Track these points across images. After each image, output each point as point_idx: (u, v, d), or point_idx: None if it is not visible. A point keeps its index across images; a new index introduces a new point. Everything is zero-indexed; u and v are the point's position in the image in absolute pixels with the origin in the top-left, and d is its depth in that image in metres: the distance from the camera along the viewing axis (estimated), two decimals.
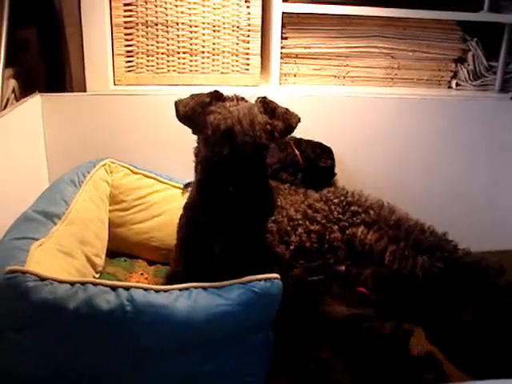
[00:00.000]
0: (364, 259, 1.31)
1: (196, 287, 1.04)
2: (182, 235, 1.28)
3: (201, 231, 1.17)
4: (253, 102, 1.17)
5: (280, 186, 1.46)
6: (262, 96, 1.19)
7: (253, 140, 1.05)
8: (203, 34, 1.75)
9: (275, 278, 1.05)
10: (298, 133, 1.22)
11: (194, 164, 1.23)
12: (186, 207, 1.28)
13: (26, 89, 1.67)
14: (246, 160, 1.04)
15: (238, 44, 1.77)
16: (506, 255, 1.74)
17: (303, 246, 1.28)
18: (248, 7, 1.74)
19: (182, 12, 1.72)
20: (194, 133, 1.20)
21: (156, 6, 1.70)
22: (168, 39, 1.74)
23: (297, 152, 1.61)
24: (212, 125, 1.07)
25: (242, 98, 1.17)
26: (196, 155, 1.22)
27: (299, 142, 1.64)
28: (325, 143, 1.68)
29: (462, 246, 1.41)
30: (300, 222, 1.30)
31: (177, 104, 1.18)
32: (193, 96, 1.17)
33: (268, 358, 1.10)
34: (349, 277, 1.25)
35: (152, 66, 1.76)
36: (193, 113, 1.14)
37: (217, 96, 1.15)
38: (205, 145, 1.10)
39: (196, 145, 1.22)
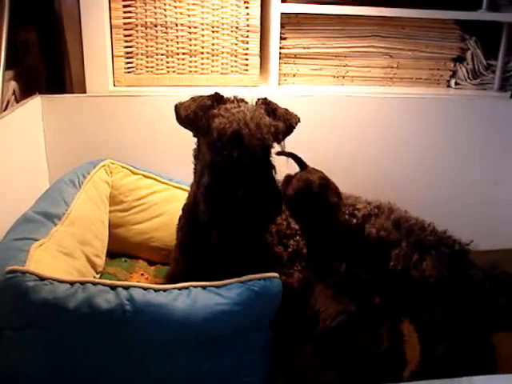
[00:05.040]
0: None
1: (195, 286, 1.04)
2: (182, 235, 1.28)
3: (200, 231, 1.17)
4: (252, 103, 1.17)
5: None
6: (263, 97, 1.18)
7: (261, 142, 1.05)
8: (202, 35, 1.75)
9: (274, 277, 1.05)
10: (297, 133, 1.22)
11: (193, 165, 1.23)
12: (184, 209, 1.28)
13: (26, 90, 1.68)
14: (256, 162, 1.03)
15: (237, 44, 1.77)
16: (505, 254, 1.75)
17: (300, 252, 1.28)
18: (247, 8, 1.74)
19: (180, 13, 1.72)
20: (195, 136, 1.20)
21: (155, 8, 1.71)
22: (167, 40, 1.74)
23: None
24: (217, 129, 1.06)
25: (242, 100, 1.16)
26: (195, 157, 1.22)
27: None
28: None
29: None
30: (298, 231, 1.30)
31: (177, 107, 1.16)
32: (193, 99, 1.16)
33: (267, 357, 1.10)
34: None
35: (151, 67, 1.76)
36: (195, 116, 1.12)
37: (218, 98, 1.14)
38: (210, 149, 1.09)
39: (195, 146, 1.22)
